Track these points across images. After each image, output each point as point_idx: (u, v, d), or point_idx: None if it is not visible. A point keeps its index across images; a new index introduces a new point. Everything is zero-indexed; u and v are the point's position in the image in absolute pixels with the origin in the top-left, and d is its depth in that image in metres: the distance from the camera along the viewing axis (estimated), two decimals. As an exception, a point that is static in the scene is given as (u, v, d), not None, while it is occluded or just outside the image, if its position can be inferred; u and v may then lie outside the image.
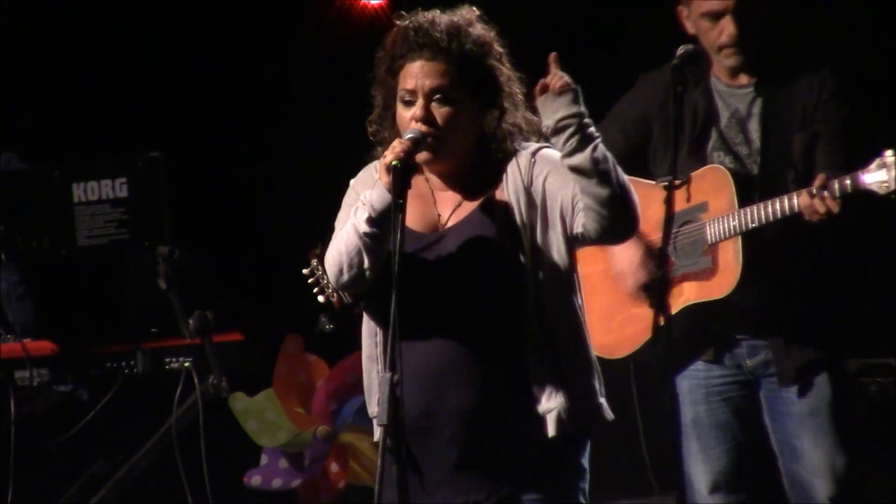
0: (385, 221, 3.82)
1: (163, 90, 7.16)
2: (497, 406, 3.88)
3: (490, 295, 3.90)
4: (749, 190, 4.69)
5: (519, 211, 3.92)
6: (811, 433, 4.75)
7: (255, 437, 6.20)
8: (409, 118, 3.89)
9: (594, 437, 4.01)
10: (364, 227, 3.85)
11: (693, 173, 4.76)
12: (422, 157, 3.90)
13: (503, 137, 3.95)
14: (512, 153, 3.96)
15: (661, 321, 4.02)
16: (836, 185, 4.51)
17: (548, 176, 3.92)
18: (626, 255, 4.83)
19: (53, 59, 7.05)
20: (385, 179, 3.81)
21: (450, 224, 3.96)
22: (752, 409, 4.83)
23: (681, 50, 4.11)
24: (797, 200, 4.56)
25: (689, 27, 4.82)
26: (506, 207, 3.92)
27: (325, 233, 4.10)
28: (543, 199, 3.92)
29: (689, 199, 4.77)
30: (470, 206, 3.96)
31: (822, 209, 4.52)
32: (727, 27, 4.73)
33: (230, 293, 6.86)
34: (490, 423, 3.88)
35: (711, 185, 4.73)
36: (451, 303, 3.90)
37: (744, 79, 4.80)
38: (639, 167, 4.86)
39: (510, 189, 3.93)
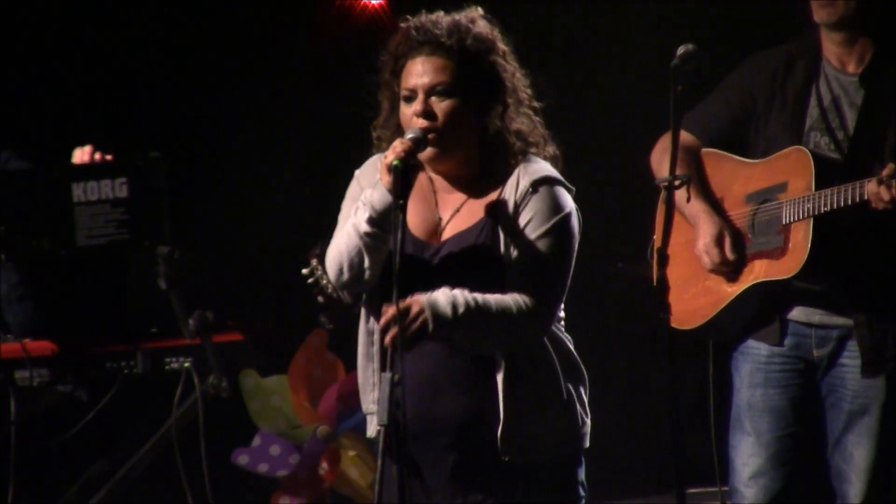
0: (386, 222, 3.82)
1: (163, 90, 7.16)
2: (489, 417, 3.88)
3: None
4: (831, 175, 4.70)
5: (507, 227, 3.91)
6: (858, 431, 4.76)
7: (254, 416, 6.21)
8: (410, 114, 3.89)
9: (587, 453, 4.03)
10: (365, 227, 3.85)
11: (778, 153, 4.79)
12: (425, 154, 3.90)
13: (508, 142, 3.93)
14: (519, 163, 3.95)
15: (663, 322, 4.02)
16: None
17: (530, 221, 3.90)
18: (705, 229, 4.84)
19: (53, 58, 7.05)
20: (386, 179, 3.80)
21: (449, 230, 3.95)
22: (809, 399, 4.83)
23: (681, 50, 4.12)
24: (867, 187, 4.58)
25: None
26: (500, 222, 3.91)
27: (325, 232, 4.10)
28: (518, 229, 3.91)
29: (770, 178, 4.79)
30: (469, 215, 3.95)
31: (886, 197, 4.54)
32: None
33: (230, 293, 6.86)
34: (483, 432, 3.88)
35: (793, 165, 4.74)
36: None
37: (852, 66, 4.81)
38: (738, 140, 4.88)
39: (508, 203, 3.92)
